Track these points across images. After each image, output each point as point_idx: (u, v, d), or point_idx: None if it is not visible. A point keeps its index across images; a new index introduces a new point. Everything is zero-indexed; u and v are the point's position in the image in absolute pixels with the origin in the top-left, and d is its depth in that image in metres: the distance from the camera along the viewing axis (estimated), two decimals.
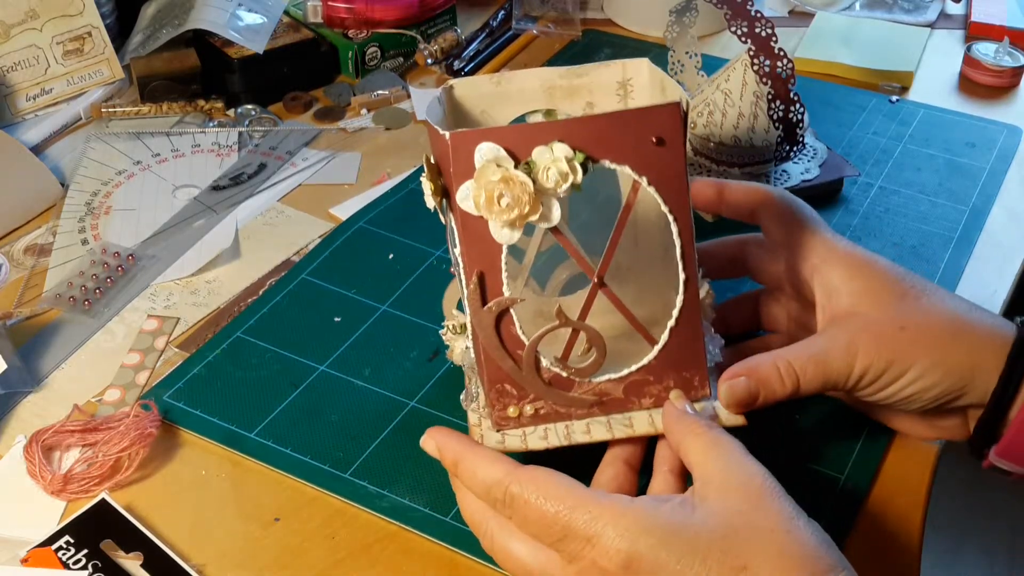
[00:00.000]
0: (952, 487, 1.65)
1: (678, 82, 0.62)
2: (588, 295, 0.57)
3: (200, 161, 0.90)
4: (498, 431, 0.58)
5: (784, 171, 0.85)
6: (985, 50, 1.03)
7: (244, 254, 0.80)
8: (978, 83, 1.02)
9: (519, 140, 0.53)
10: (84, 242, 0.81)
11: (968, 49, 1.04)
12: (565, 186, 0.53)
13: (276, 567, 0.58)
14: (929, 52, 1.07)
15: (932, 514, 0.63)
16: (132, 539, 0.58)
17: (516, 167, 0.53)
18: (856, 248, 0.62)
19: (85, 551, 0.57)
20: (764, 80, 0.77)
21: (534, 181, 0.53)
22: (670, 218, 0.55)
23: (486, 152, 0.53)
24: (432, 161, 0.56)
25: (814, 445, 0.65)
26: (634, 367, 0.57)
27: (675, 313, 0.57)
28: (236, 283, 0.77)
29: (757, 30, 0.77)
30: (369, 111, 0.97)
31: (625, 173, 0.55)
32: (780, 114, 0.78)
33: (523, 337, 0.56)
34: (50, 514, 0.60)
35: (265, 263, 0.79)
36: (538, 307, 0.64)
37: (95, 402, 0.68)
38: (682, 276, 0.56)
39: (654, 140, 0.54)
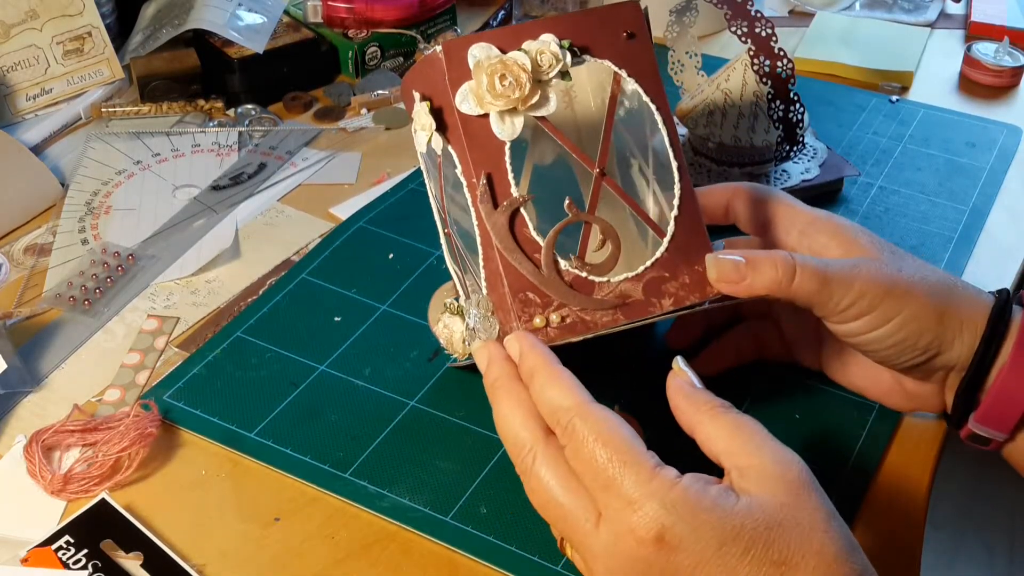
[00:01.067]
0: (952, 485, 1.65)
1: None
2: (593, 188, 0.57)
3: (200, 161, 0.90)
4: None
5: (784, 171, 0.85)
6: (985, 50, 1.03)
7: (244, 254, 0.81)
8: (978, 83, 1.02)
9: (508, 39, 0.56)
10: (84, 242, 0.81)
11: (968, 49, 1.04)
12: (557, 68, 0.56)
13: (276, 567, 0.58)
14: (929, 52, 1.07)
15: (932, 512, 0.63)
16: (132, 539, 0.58)
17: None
18: (835, 216, 0.63)
19: (85, 551, 0.57)
20: (764, 80, 0.77)
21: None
22: (652, 108, 0.58)
23: (479, 51, 0.56)
24: (420, 95, 0.57)
25: (814, 444, 0.65)
26: (648, 262, 0.57)
27: (675, 203, 0.58)
28: (236, 283, 0.77)
29: (757, 30, 0.77)
30: (369, 111, 0.97)
31: (605, 66, 0.58)
32: (780, 114, 0.78)
33: (537, 237, 0.56)
34: (50, 514, 0.60)
35: (265, 263, 0.79)
36: (547, 206, 0.62)
37: (95, 402, 0.68)
38: (674, 164, 0.58)
39: (625, 34, 0.58)
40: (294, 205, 0.85)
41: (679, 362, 0.54)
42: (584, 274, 0.56)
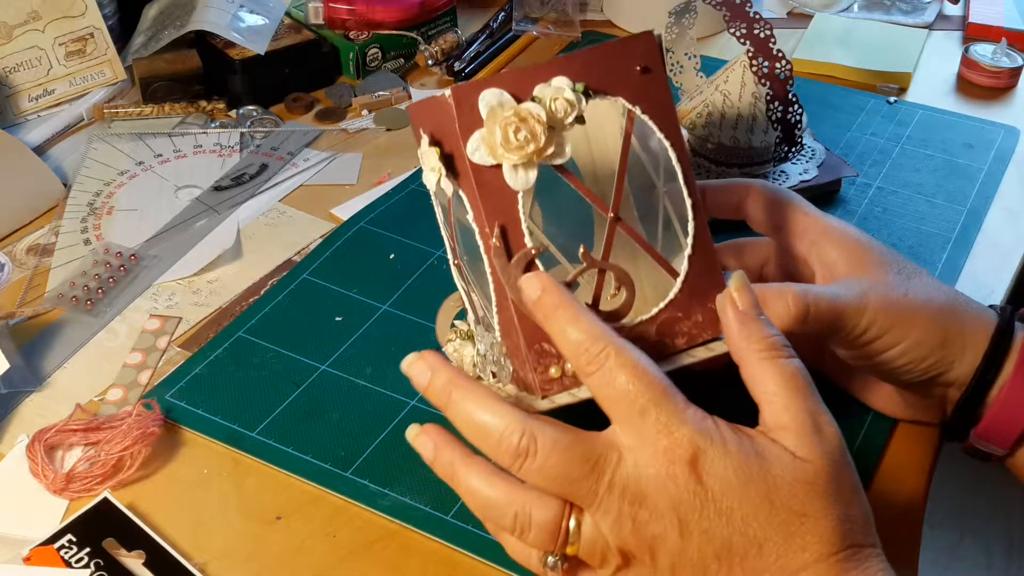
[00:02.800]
0: (950, 485, 1.65)
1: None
2: (607, 233, 0.56)
3: (202, 162, 0.90)
4: (543, 398, 0.55)
5: (782, 172, 0.85)
6: (983, 51, 1.03)
7: (246, 254, 0.81)
8: (976, 84, 1.03)
9: (519, 83, 0.54)
10: (87, 242, 0.81)
11: (966, 50, 1.04)
12: (573, 115, 0.54)
13: (277, 565, 0.58)
14: (927, 53, 1.08)
15: (930, 512, 0.63)
16: (134, 538, 0.58)
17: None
18: (849, 227, 0.63)
19: (87, 550, 0.58)
20: (763, 81, 0.78)
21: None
22: (667, 144, 0.56)
23: (490, 98, 0.53)
24: (429, 137, 0.55)
25: None
26: (662, 304, 0.56)
27: (689, 241, 0.57)
28: (238, 283, 0.78)
29: (756, 31, 0.77)
30: (370, 112, 0.97)
31: (619, 104, 0.56)
32: (779, 115, 0.79)
33: None
34: (52, 513, 0.61)
35: (267, 263, 0.80)
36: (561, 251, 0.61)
37: (97, 401, 0.68)
38: (689, 201, 0.56)
39: (639, 69, 0.56)
40: (295, 206, 0.86)
41: (740, 279, 0.52)
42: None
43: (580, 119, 0.54)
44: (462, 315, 0.64)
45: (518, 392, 0.56)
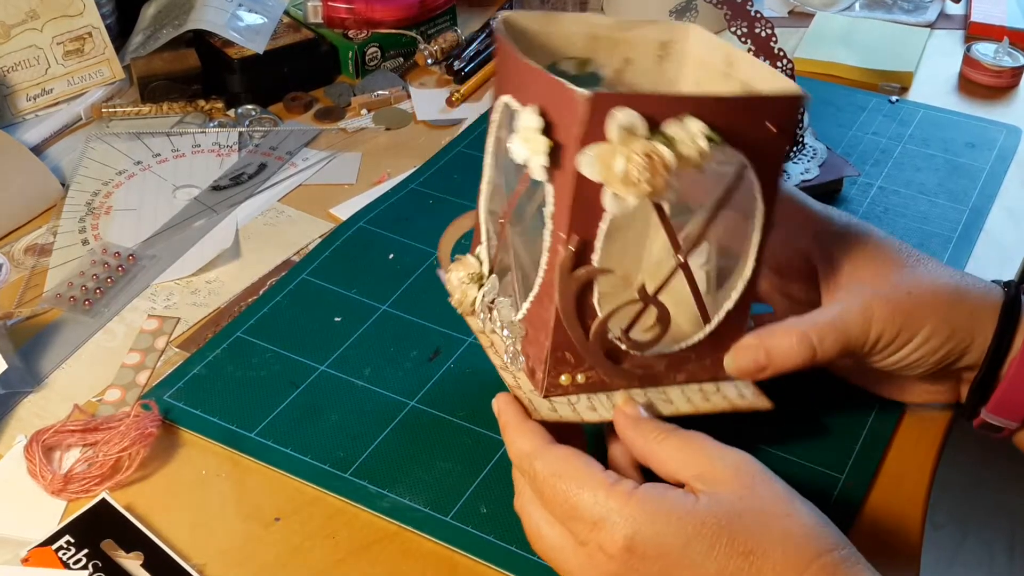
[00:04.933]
0: (952, 485, 1.65)
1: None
2: (669, 272, 0.56)
3: (200, 161, 0.90)
4: (545, 397, 0.57)
5: (784, 171, 0.85)
6: (985, 50, 1.03)
7: (244, 254, 0.81)
8: (978, 83, 1.02)
9: (654, 108, 0.51)
10: (84, 242, 0.81)
11: (968, 49, 1.04)
12: (701, 164, 0.51)
13: (276, 567, 0.58)
14: (929, 52, 1.07)
15: (932, 512, 0.63)
16: (132, 539, 0.58)
17: (651, 137, 0.51)
18: (850, 219, 0.64)
19: (85, 551, 0.57)
20: None
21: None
22: (760, 206, 0.55)
23: (624, 120, 0.50)
24: (539, 111, 0.52)
25: (814, 445, 0.65)
26: (684, 344, 0.57)
27: (735, 296, 0.57)
28: (236, 283, 0.77)
29: (757, 30, 0.77)
30: (369, 111, 0.97)
31: (736, 158, 0.54)
32: None
33: (597, 308, 0.55)
34: (50, 514, 0.60)
35: (265, 263, 0.79)
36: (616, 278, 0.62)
37: (95, 402, 0.68)
38: (752, 265, 0.56)
39: (771, 127, 0.53)
40: (294, 205, 0.86)
41: (624, 395, 0.56)
42: (623, 347, 0.57)
43: (701, 167, 0.52)
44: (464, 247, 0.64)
45: (522, 386, 0.57)
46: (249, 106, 0.96)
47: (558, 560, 0.52)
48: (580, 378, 0.57)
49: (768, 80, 0.57)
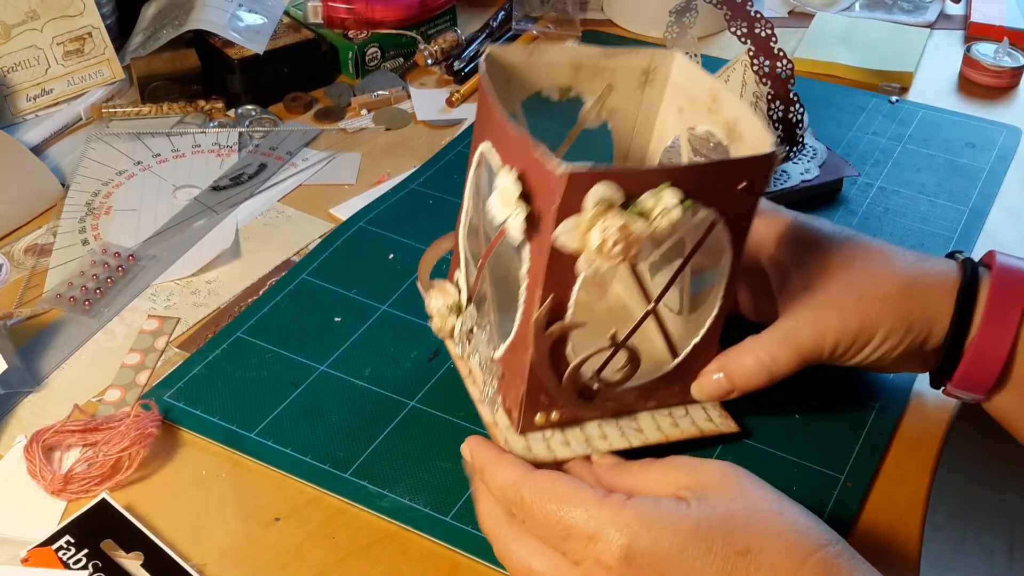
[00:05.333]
0: (952, 486, 1.65)
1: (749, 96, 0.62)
2: (640, 318, 0.58)
3: (200, 161, 0.90)
4: (521, 434, 0.59)
5: (784, 171, 0.85)
6: (984, 50, 1.03)
7: (244, 254, 0.81)
8: (977, 83, 1.02)
9: (630, 183, 0.52)
10: (84, 242, 0.81)
11: (968, 49, 1.04)
12: (675, 231, 0.53)
13: (276, 567, 0.58)
14: (929, 52, 1.08)
15: (932, 512, 0.63)
16: (132, 539, 0.58)
17: (625, 208, 0.52)
18: (796, 218, 0.64)
19: (85, 551, 0.57)
20: (764, 80, 0.77)
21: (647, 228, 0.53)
22: (729, 253, 0.57)
23: (600, 193, 0.51)
24: (515, 174, 0.54)
25: (813, 445, 0.65)
26: (653, 377, 0.60)
27: (702, 332, 0.59)
28: (236, 283, 0.77)
29: (757, 30, 0.77)
30: (369, 111, 0.97)
31: (706, 214, 0.55)
32: (780, 114, 0.78)
33: (571, 355, 0.58)
34: (50, 514, 0.60)
35: (265, 263, 0.79)
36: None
37: (95, 402, 0.68)
38: (719, 303, 0.58)
39: (743, 186, 0.54)
40: (294, 206, 0.86)
41: (596, 451, 0.58)
42: (595, 386, 0.59)
43: (675, 232, 0.54)
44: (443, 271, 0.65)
45: (499, 422, 0.60)
46: (249, 106, 0.96)
47: None
48: (554, 416, 0.59)
49: (749, 123, 0.58)
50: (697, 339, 0.59)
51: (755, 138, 0.57)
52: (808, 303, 0.60)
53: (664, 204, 0.52)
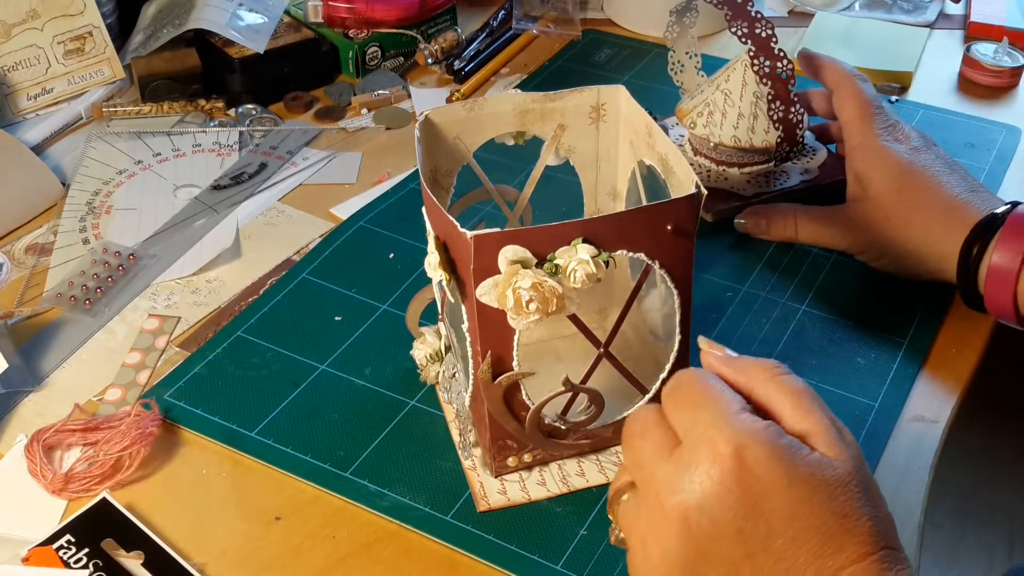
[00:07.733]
0: (952, 485, 1.65)
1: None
2: (593, 363, 0.59)
3: (201, 161, 0.90)
4: (496, 477, 0.61)
5: (784, 171, 0.85)
6: (984, 50, 1.03)
7: (245, 253, 0.81)
8: (977, 83, 1.02)
9: (542, 241, 0.53)
10: (85, 241, 0.81)
11: (967, 49, 1.04)
12: (589, 284, 0.54)
13: (277, 566, 0.58)
14: (928, 52, 1.07)
15: (932, 512, 0.63)
16: (133, 538, 0.58)
17: (540, 266, 0.53)
18: (888, 141, 0.76)
19: (86, 550, 0.57)
20: (764, 80, 0.77)
21: (560, 284, 0.54)
22: (674, 292, 0.57)
23: (511, 255, 0.53)
24: (436, 240, 0.56)
25: None
26: (623, 415, 0.60)
27: (668, 367, 0.60)
28: (237, 282, 0.77)
29: (757, 30, 0.77)
30: (370, 111, 0.97)
31: (638, 259, 0.56)
32: (780, 115, 0.79)
33: (528, 401, 0.58)
34: (51, 513, 0.60)
35: (266, 262, 0.79)
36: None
37: (96, 401, 0.68)
38: (678, 338, 0.59)
39: (669, 228, 0.55)
40: (295, 205, 0.86)
41: (704, 341, 0.54)
42: (563, 427, 0.60)
43: (597, 280, 0.54)
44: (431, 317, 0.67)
45: (477, 467, 0.62)
46: (249, 105, 0.96)
47: (647, 460, 0.48)
48: (527, 457, 0.61)
49: (677, 159, 0.58)
50: (664, 373, 0.59)
51: (683, 174, 0.57)
52: (852, 208, 0.76)
53: (578, 259, 0.53)
